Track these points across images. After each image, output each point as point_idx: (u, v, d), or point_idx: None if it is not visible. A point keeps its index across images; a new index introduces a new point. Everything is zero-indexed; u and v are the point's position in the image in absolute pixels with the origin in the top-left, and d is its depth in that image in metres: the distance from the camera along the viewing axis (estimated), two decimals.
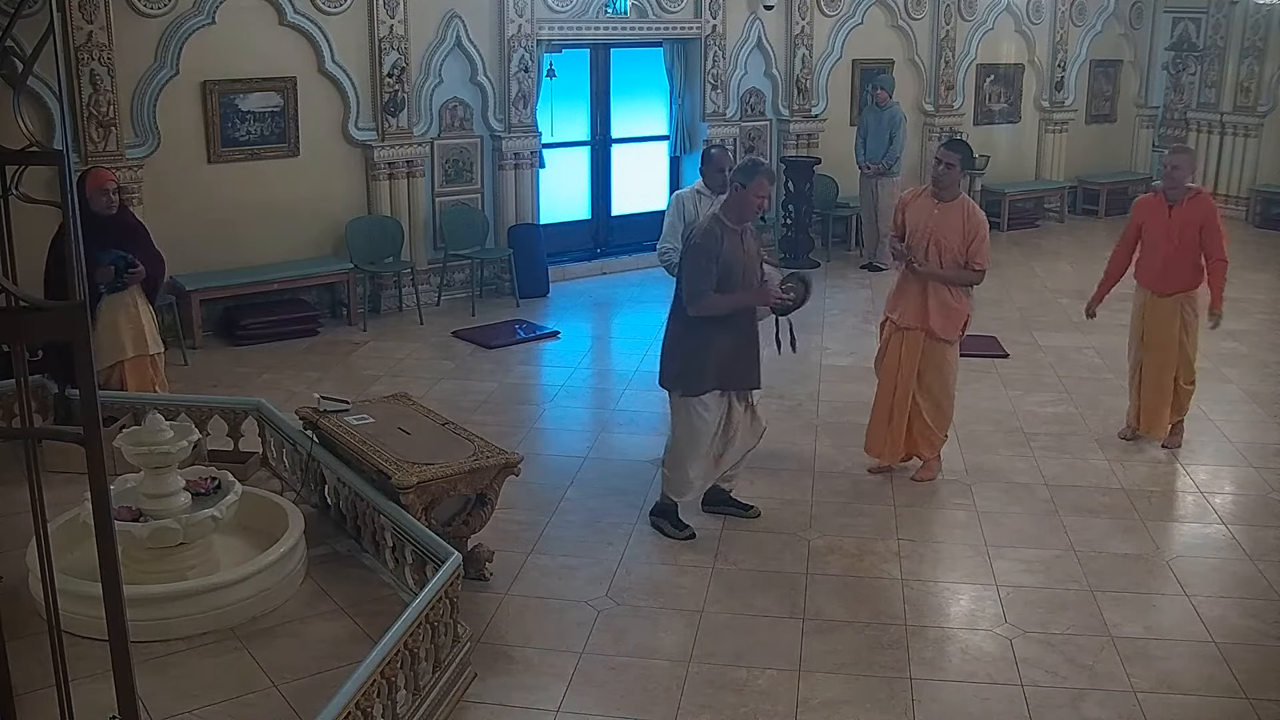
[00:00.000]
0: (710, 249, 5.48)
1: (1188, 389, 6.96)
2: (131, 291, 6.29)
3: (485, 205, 10.57)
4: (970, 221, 6.19)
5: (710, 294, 5.49)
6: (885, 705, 4.44)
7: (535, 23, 10.41)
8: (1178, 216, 6.67)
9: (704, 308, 5.51)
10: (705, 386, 5.64)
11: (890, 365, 6.46)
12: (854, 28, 12.66)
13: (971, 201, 6.38)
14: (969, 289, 6.32)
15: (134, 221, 6.45)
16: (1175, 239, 6.67)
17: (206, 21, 8.82)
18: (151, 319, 6.45)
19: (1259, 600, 5.29)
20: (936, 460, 6.56)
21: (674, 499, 5.86)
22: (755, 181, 5.52)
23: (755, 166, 5.64)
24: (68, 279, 2.54)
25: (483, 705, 4.38)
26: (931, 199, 6.27)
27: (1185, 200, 6.67)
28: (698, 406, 5.66)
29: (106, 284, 6.11)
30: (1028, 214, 14.33)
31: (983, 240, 6.19)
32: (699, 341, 5.58)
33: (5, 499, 4.95)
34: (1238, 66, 14.22)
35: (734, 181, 5.62)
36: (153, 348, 6.44)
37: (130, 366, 6.35)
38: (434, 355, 8.96)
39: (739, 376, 5.74)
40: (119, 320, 6.25)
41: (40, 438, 2.86)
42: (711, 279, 5.49)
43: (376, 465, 4.99)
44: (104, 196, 6.18)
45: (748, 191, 5.52)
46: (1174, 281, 6.75)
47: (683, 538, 5.79)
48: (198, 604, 4.54)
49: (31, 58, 2.60)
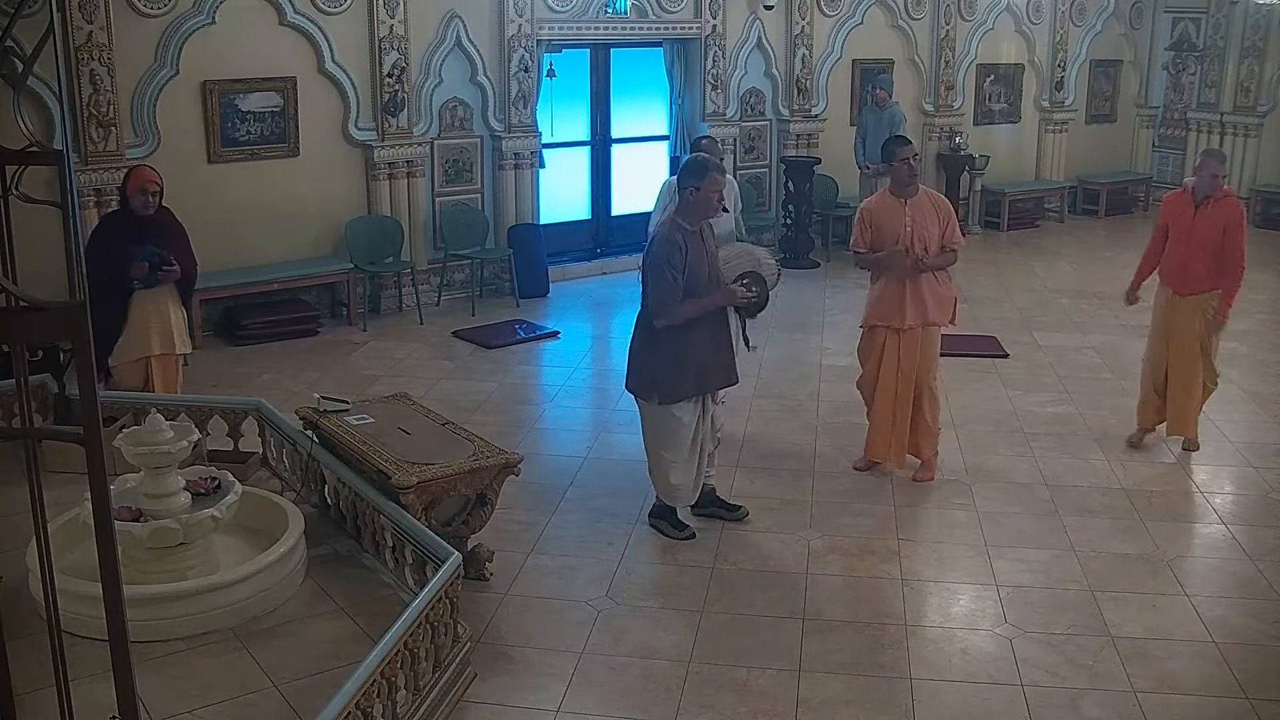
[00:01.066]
0: (674, 260, 5.43)
1: (1211, 389, 6.94)
2: (165, 290, 6.29)
3: (485, 205, 10.57)
4: (940, 208, 6.43)
5: (677, 304, 5.45)
6: (885, 705, 4.44)
7: (535, 23, 10.41)
8: (1202, 217, 6.66)
9: (675, 317, 5.47)
10: (683, 392, 5.60)
11: (889, 369, 6.43)
12: (854, 28, 12.67)
13: (930, 189, 6.64)
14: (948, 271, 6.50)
15: (173, 223, 6.41)
16: (1196, 239, 6.65)
17: (206, 21, 8.82)
18: (183, 319, 6.46)
19: (1259, 600, 5.29)
20: (934, 459, 6.56)
21: (669, 504, 5.86)
22: (709, 179, 5.46)
23: (704, 165, 5.54)
24: (68, 278, 2.54)
25: (483, 705, 4.38)
26: (896, 199, 6.35)
27: (1212, 202, 6.66)
28: (675, 411, 5.63)
29: (141, 279, 6.12)
30: (1028, 214, 14.33)
31: (955, 221, 6.45)
32: (676, 346, 5.53)
33: (5, 499, 4.94)
34: (1238, 66, 14.21)
35: (687, 185, 5.50)
36: (179, 347, 6.44)
37: (157, 363, 6.36)
38: (434, 355, 8.96)
39: (716, 376, 5.73)
40: (149, 317, 6.25)
41: (40, 438, 2.86)
42: (678, 290, 5.44)
43: (376, 465, 4.99)
44: (142, 196, 6.18)
45: (703, 192, 5.47)
46: (1192, 281, 6.73)
47: (682, 538, 5.79)
48: (198, 604, 4.53)
49: (31, 58, 2.60)
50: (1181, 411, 6.91)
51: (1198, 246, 6.67)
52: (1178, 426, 6.98)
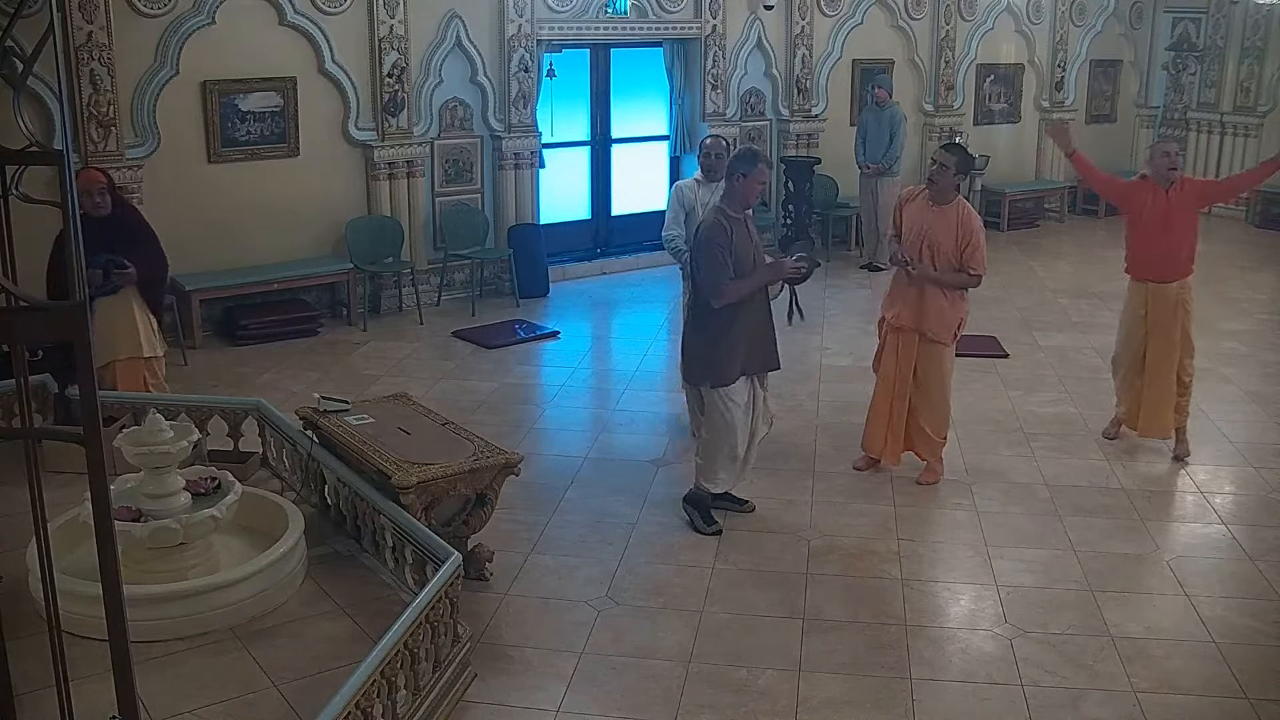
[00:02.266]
0: (721, 240, 5.66)
1: (1188, 381, 6.89)
2: (127, 293, 6.22)
3: (485, 205, 10.57)
4: (965, 226, 6.16)
5: (728, 282, 5.65)
6: (885, 705, 4.44)
7: (535, 23, 10.41)
8: (1176, 201, 6.62)
9: (726, 296, 5.66)
10: (735, 374, 5.76)
11: (888, 365, 6.47)
12: (854, 28, 12.66)
13: (968, 205, 6.35)
14: (964, 291, 6.34)
15: (134, 221, 6.34)
16: (1175, 224, 6.63)
17: (206, 21, 8.82)
18: (148, 321, 6.36)
19: (1259, 600, 5.29)
20: (939, 463, 6.56)
21: (707, 488, 5.92)
22: (756, 169, 5.75)
23: (754, 155, 5.85)
24: (67, 278, 2.54)
25: (483, 705, 4.38)
26: (927, 201, 6.28)
27: (1177, 187, 6.65)
28: (731, 396, 5.78)
29: (95, 288, 5.95)
30: (1028, 214, 14.33)
31: (977, 246, 6.16)
32: (724, 329, 5.72)
33: (5, 499, 4.94)
34: (1238, 66, 14.22)
35: (736, 172, 5.77)
36: (146, 350, 6.35)
37: (121, 368, 6.29)
38: (434, 355, 8.96)
39: (762, 358, 5.90)
40: (113, 320, 6.18)
41: (40, 438, 2.86)
42: (728, 268, 5.66)
43: (376, 465, 4.99)
44: (88, 199, 6.06)
45: (750, 180, 5.74)
46: (1173, 267, 6.71)
47: (710, 533, 5.85)
48: (198, 604, 4.53)
49: (31, 58, 2.60)
50: (1156, 406, 6.84)
51: (1179, 230, 6.65)
52: (1150, 425, 6.91)
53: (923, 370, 6.39)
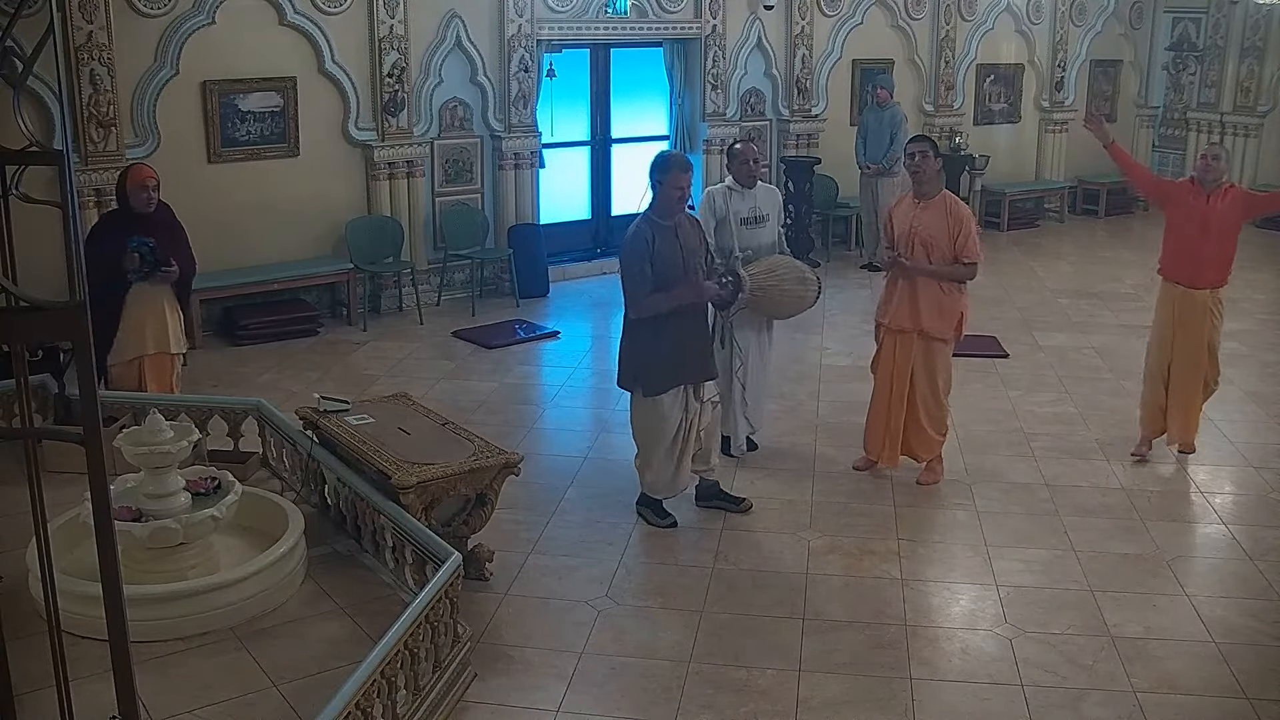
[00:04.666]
0: (641, 250, 5.54)
1: (1214, 389, 6.88)
2: (161, 289, 6.22)
3: (485, 205, 10.57)
4: (954, 216, 6.20)
5: (647, 296, 5.54)
6: (885, 705, 4.44)
7: (535, 23, 10.41)
8: (1215, 206, 6.55)
9: (644, 309, 5.57)
10: (666, 384, 5.68)
11: (885, 367, 6.46)
12: (854, 28, 12.66)
13: (954, 197, 6.39)
14: (962, 285, 6.33)
15: (172, 221, 6.36)
16: (1214, 230, 6.55)
17: (206, 21, 8.82)
18: (179, 319, 6.41)
19: (1259, 600, 5.29)
20: (939, 463, 6.56)
21: (652, 496, 5.91)
22: (670, 174, 5.58)
23: (667, 160, 5.68)
24: (69, 278, 2.54)
25: (483, 705, 4.38)
26: (914, 200, 6.31)
27: (1221, 193, 6.58)
28: (659, 406, 5.70)
29: (134, 271, 6.01)
30: (1028, 214, 14.33)
31: (969, 235, 6.19)
32: (655, 339, 5.62)
33: (5, 499, 4.93)
34: (1238, 66, 14.21)
35: (653, 178, 5.64)
36: (174, 347, 6.39)
37: (150, 363, 6.31)
38: (434, 355, 8.96)
39: (695, 369, 5.78)
40: (145, 316, 6.20)
41: (40, 438, 2.86)
42: (647, 280, 5.53)
43: (376, 465, 4.99)
44: (143, 193, 6.12)
45: (666, 186, 5.59)
46: (1207, 275, 6.63)
47: (664, 525, 5.85)
48: (198, 604, 4.53)
49: (31, 58, 2.60)
50: (1185, 420, 6.83)
51: (1217, 236, 6.56)
52: (1181, 435, 6.88)
53: (920, 372, 6.39)
